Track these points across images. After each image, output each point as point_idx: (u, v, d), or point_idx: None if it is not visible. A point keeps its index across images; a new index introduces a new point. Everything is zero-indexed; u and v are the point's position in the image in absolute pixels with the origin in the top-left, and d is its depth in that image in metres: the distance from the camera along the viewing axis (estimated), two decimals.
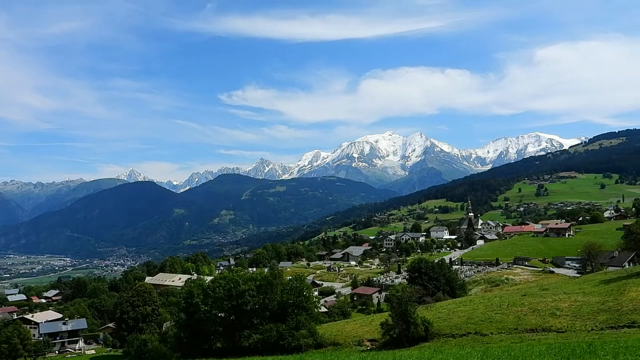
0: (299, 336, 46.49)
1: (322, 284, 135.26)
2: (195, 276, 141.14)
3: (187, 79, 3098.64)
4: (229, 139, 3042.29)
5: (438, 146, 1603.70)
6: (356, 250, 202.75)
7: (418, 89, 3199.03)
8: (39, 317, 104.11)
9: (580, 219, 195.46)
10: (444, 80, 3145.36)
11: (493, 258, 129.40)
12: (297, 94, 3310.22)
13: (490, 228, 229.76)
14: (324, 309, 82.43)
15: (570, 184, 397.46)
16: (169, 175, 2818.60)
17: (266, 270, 77.11)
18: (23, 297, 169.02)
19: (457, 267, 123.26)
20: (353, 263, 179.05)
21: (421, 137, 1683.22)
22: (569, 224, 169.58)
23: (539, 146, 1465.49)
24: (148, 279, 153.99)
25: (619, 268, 74.53)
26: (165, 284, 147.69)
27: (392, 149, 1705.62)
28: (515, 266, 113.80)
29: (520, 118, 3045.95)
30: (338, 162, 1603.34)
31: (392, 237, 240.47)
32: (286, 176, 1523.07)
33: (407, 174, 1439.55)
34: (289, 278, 60.61)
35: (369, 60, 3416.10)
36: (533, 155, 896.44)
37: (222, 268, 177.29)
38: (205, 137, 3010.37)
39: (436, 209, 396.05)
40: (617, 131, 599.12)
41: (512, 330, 38.79)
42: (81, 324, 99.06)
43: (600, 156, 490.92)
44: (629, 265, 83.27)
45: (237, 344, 50.14)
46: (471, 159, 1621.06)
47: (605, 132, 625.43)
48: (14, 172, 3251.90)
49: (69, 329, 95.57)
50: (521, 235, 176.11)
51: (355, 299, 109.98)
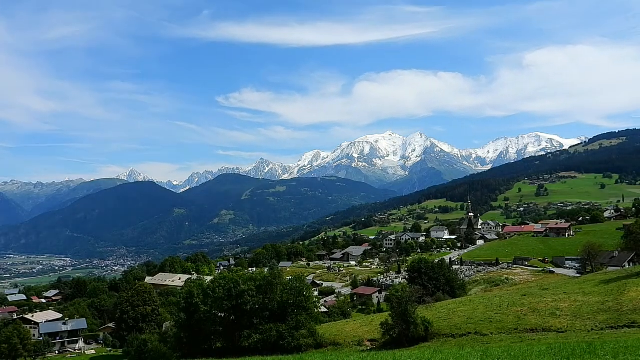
0: (299, 336, 46.47)
1: (322, 284, 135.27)
2: (195, 276, 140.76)
3: (185, 81, 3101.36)
4: (227, 140, 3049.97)
5: (438, 146, 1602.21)
6: (356, 250, 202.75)
7: (412, 92, 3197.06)
8: (39, 317, 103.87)
9: (580, 219, 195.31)
10: (438, 83, 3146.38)
11: (493, 258, 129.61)
12: (293, 96, 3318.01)
13: (490, 228, 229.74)
14: (324, 309, 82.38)
15: (570, 184, 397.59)
16: (168, 175, 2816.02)
17: (266, 270, 76.98)
18: (23, 297, 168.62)
19: (457, 267, 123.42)
20: (353, 263, 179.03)
21: (421, 137, 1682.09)
22: (569, 224, 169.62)
23: (539, 146, 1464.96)
24: (148, 279, 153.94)
25: (619, 268, 74.58)
26: (165, 284, 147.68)
27: (392, 149, 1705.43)
28: (515, 266, 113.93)
29: (513, 120, 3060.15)
30: (338, 162, 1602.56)
31: (392, 237, 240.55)
32: (286, 176, 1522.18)
33: (407, 174, 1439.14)
34: (289, 278, 60.58)
35: (362, 64, 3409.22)
36: (533, 155, 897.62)
37: (222, 268, 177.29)
38: (204, 138, 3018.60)
39: (436, 209, 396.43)
40: (617, 131, 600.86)
41: (512, 330, 38.78)
42: (81, 324, 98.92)
43: (600, 156, 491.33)
44: (629, 265, 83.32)
45: (237, 344, 50.09)
46: (471, 159, 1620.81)
47: (605, 132, 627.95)
48: (14, 172, 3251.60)
49: (69, 329, 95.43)
50: (521, 235, 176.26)
51: (355, 299, 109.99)
